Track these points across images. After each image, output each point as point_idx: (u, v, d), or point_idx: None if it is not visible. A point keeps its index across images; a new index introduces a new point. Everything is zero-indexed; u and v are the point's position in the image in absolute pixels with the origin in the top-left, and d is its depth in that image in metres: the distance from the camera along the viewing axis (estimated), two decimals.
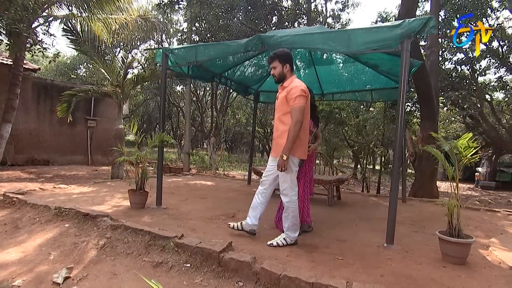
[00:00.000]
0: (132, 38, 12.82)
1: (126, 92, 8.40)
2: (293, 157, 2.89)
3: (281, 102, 2.94)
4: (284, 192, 2.95)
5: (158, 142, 4.19)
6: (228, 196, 5.42)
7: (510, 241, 3.50)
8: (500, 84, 12.08)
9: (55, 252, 2.92)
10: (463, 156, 2.72)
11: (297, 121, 2.78)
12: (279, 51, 3.04)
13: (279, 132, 2.94)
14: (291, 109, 2.82)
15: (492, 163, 13.20)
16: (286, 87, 2.93)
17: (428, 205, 5.49)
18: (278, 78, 3.02)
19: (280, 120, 2.95)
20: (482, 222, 4.45)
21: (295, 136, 2.78)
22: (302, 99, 2.81)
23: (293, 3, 11.71)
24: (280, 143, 2.88)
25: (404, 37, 2.99)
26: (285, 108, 2.89)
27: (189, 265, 2.59)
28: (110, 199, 4.66)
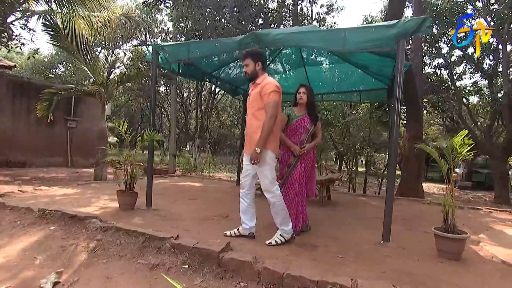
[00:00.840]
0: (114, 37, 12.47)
1: (110, 91, 8.14)
2: (268, 151, 2.87)
3: (254, 98, 2.94)
4: (266, 188, 2.91)
5: (148, 141, 4.05)
6: (218, 197, 5.32)
7: (498, 236, 3.62)
8: (475, 88, 12.60)
9: (41, 256, 2.74)
10: (458, 153, 2.77)
11: (272, 115, 2.79)
12: (251, 49, 3.03)
13: (253, 127, 2.92)
14: (265, 104, 2.83)
15: (468, 164, 13.72)
16: (259, 83, 2.93)
17: (416, 204, 5.61)
18: (250, 76, 3.00)
19: (254, 115, 2.94)
20: (468, 219, 4.58)
21: (269, 130, 2.80)
22: (276, 94, 2.84)
23: (279, 5, 11.77)
24: (255, 138, 2.86)
25: (400, 36, 3.02)
26: (258, 104, 2.89)
27: (187, 266, 2.50)
28: (97, 200, 4.46)
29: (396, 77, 3.14)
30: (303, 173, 3.39)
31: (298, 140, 3.42)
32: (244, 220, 3.12)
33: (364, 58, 4.80)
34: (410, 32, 2.99)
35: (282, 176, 3.44)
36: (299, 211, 3.33)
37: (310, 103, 3.47)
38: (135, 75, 7.71)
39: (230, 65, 5.59)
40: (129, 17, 9.51)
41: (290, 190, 3.38)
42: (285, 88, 6.56)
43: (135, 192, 4.02)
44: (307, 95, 3.46)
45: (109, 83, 7.88)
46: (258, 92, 2.89)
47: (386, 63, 4.64)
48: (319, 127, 3.60)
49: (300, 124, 3.45)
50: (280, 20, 11.60)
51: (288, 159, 3.43)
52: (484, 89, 13.07)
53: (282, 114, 3.63)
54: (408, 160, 6.78)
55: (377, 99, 6.22)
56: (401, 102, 7.82)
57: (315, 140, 3.53)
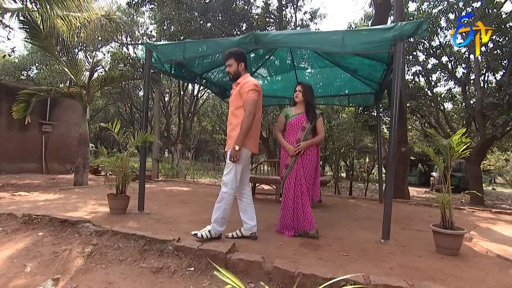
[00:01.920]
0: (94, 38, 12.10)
1: (92, 93, 7.87)
2: (244, 149, 2.89)
3: (234, 97, 2.98)
4: (226, 181, 2.89)
5: (141, 142, 3.93)
6: (210, 201, 5.21)
7: (486, 233, 3.78)
8: (449, 95, 13.26)
9: (32, 263, 2.56)
10: (455, 151, 2.88)
11: (250, 112, 2.82)
12: (235, 50, 3.05)
13: (232, 125, 2.95)
14: (244, 102, 2.86)
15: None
16: (239, 83, 2.96)
17: (403, 205, 5.76)
18: (233, 76, 3.02)
19: (233, 114, 2.96)
20: (454, 218, 4.74)
21: (248, 127, 2.81)
22: (255, 93, 2.86)
23: (263, 10, 11.88)
24: (234, 135, 2.88)
25: (397, 39, 3.12)
26: (238, 103, 2.92)
27: (193, 269, 2.42)
28: (84, 205, 4.26)
29: (394, 78, 3.24)
30: (301, 175, 3.30)
31: (294, 139, 3.39)
32: (245, 220, 3.08)
33: (355, 62, 4.93)
34: (407, 35, 3.10)
35: (282, 177, 3.43)
36: (298, 214, 3.27)
37: (307, 101, 3.43)
38: (118, 77, 7.49)
39: (222, 68, 5.55)
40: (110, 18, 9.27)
41: (286, 191, 3.35)
42: (275, 92, 6.71)
43: (127, 196, 3.87)
44: (302, 92, 3.44)
45: (91, 85, 7.62)
46: (238, 91, 2.93)
47: (376, 67, 4.80)
48: (320, 124, 3.45)
49: (295, 122, 3.43)
50: (264, 25, 11.71)
51: (285, 160, 3.42)
52: (457, 96, 13.79)
53: (280, 116, 3.64)
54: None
55: (365, 103, 6.40)
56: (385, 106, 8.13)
57: (316, 138, 3.39)
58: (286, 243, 3.02)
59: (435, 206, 5.91)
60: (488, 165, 17.40)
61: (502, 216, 5.28)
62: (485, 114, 9.60)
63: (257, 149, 3.07)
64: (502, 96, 9.19)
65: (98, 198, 4.83)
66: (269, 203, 5.33)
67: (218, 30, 9.00)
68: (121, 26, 10.32)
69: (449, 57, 12.29)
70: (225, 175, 2.94)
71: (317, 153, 3.43)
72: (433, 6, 11.92)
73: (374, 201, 6.25)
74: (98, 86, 7.54)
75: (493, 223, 4.50)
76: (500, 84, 10.22)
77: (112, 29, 10.06)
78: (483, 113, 9.71)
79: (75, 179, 7.32)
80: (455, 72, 12.62)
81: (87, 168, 7.69)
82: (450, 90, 13.26)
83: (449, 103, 13.74)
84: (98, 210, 3.95)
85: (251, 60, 5.57)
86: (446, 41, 12.77)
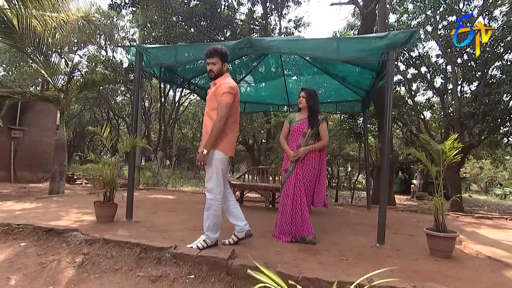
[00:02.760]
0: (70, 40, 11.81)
1: (70, 97, 7.65)
2: (218, 152, 2.85)
3: (210, 97, 2.94)
4: (210, 189, 2.87)
5: (130, 147, 3.86)
6: (198, 208, 5.14)
7: (473, 236, 3.98)
8: (428, 104, 13.90)
9: (16, 276, 2.44)
10: (447, 156, 3.04)
11: (222, 116, 2.77)
12: (221, 48, 2.94)
13: (206, 127, 2.91)
14: (217, 104, 2.81)
15: (424, 175, 14.91)
16: (216, 83, 2.92)
17: (391, 212, 5.92)
18: (216, 75, 2.92)
19: (208, 115, 2.94)
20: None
21: (218, 131, 2.77)
22: (229, 96, 2.80)
23: (248, 17, 12.04)
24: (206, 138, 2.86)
25: (390, 47, 3.29)
26: (213, 104, 2.88)
27: (193, 277, 2.39)
28: (66, 214, 4.10)
29: (386, 84, 3.39)
30: (300, 180, 3.34)
31: (295, 145, 3.46)
32: (235, 222, 3.05)
33: (344, 69, 5.11)
34: (400, 44, 3.26)
35: (281, 182, 3.47)
36: (296, 220, 3.31)
37: (310, 107, 3.49)
38: (100, 80, 7.33)
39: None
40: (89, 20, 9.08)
41: (284, 196, 3.40)
42: (262, 98, 6.80)
43: (115, 203, 3.77)
44: (306, 98, 3.51)
45: (69, 88, 7.40)
46: (213, 92, 2.90)
47: (365, 75, 4.98)
48: (324, 129, 3.46)
49: (297, 128, 3.49)
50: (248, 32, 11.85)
51: (286, 165, 3.47)
52: (435, 105, 14.47)
53: (285, 122, 3.71)
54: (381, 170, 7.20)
55: (352, 110, 6.60)
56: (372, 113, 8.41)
57: (318, 144, 3.42)
58: (285, 249, 3.05)
59: (421, 212, 6.16)
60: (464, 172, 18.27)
61: (484, 220, 5.57)
62: (463, 123, 10.13)
63: (233, 152, 3.04)
64: (478, 106, 9.76)
65: (81, 207, 4.67)
66: (259, 210, 5.35)
67: (203, 36, 9.03)
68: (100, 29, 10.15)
69: (428, 68, 12.91)
70: (208, 181, 2.90)
71: (320, 159, 3.43)
72: (412, 18, 12.53)
73: (362, 207, 6.41)
74: (77, 89, 7.34)
75: (477, 227, 4.74)
76: (476, 95, 10.85)
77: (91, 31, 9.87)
78: (461, 122, 10.24)
79: (51, 188, 7.03)
80: (433, 82, 13.28)
81: (64, 176, 7.41)
82: (429, 100, 13.90)
83: (428, 112, 14.39)
84: (83, 219, 3.82)
85: (236, 67, 5.63)
86: (425, 52, 13.46)
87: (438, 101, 13.67)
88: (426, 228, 3.15)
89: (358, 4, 7.68)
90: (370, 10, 6.46)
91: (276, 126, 8.33)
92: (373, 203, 7.05)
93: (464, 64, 11.27)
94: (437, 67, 12.80)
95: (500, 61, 10.83)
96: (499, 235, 4.22)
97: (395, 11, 12.52)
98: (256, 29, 12.02)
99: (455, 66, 10.92)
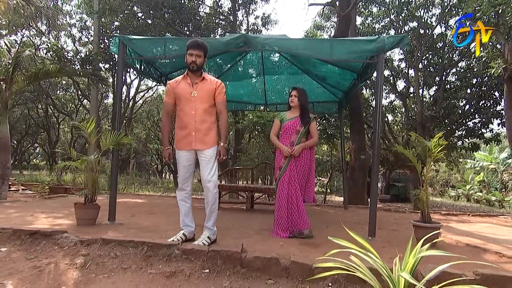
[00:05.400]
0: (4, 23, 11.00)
1: (15, 89, 7.19)
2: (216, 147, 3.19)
3: (208, 93, 3.14)
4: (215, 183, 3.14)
5: (113, 144, 3.87)
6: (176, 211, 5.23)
7: (448, 229, 4.62)
8: (390, 107, 15.18)
9: (10, 281, 2.41)
10: (433, 153, 3.56)
11: (226, 113, 3.27)
12: (204, 44, 3.17)
13: (207, 124, 3.13)
14: (220, 103, 3.17)
15: (386, 178, 16.19)
16: (207, 80, 3.17)
17: (364, 211, 6.49)
18: (198, 67, 3.11)
19: (207, 111, 3.14)
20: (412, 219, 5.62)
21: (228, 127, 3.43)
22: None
23: (212, 10, 12.19)
24: (211, 134, 3.14)
25: (380, 50, 3.75)
26: (211, 100, 3.16)
27: (208, 271, 2.57)
28: (35, 219, 3.97)
29: (376, 85, 3.86)
30: (294, 176, 3.68)
31: (288, 142, 3.77)
32: (188, 223, 3.23)
33: (325, 70, 5.55)
34: (389, 48, 3.73)
35: (276, 179, 3.76)
36: (293, 215, 3.62)
37: (302, 106, 3.84)
38: (55, 72, 6.98)
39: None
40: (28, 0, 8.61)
41: (280, 192, 3.69)
42: (240, 97, 7.05)
43: (97, 205, 3.76)
44: (298, 97, 3.85)
45: (15, 79, 6.96)
46: (213, 89, 3.15)
47: (346, 76, 5.48)
48: (314, 128, 3.85)
49: (290, 126, 3.82)
50: (213, 27, 12.00)
51: (279, 162, 3.76)
52: (397, 108, 15.83)
53: (275, 120, 3.99)
54: (354, 170, 7.86)
55: (327, 110, 7.12)
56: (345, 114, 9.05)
57: (309, 141, 3.78)
58: (286, 243, 3.33)
59: (394, 211, 6.84)
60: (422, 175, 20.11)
61: (451, 217, 6.38)
62: (425, 126, 11.30)
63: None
64: (438, 110, 10.99)
65: (46, 211, 4.51)
66: (239, 211, 5.58)
67: (171, 28, 9.02)
68: (41, 11, 9.65)
69: (391, 71, 14.14)
70: (213, 174, 3.12)
71: (310, 156, 3.82)
72: (376, 21, 13.65)
73: (338, 207, 6.92)
74: (25, 81, 6.93)
75: (448, 222, 5.44)
76: (435, 99, 12.17)
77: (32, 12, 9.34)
78: (423, 125, 11.41)
79: None
80: (396, 86, 14.56)
81: (7, 180, 6.91)
82: (391, 103, 15.18)
83: (390, 114, 15.70)
84: (59, 223, 3.74)
85: (217, 63, 5.83)
86: (388, 56, 14.72)
87: (400, 104, 15.00)
88: (414, 220, 3.65)
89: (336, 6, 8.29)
90: (347, 13, 7.07)
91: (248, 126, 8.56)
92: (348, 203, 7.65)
93: (424, 69, 12.56)
94: (399, 71, 14.08)
95: (455, 68, 12.31)
96: (469, 228, 4.93)
97: (360, 13, 13.53)
98: (222, 24, 12.23)
99: (418, 71, 12.13)
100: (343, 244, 2.00)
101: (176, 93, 3.16)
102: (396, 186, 16.49)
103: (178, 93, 3.14)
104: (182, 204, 3.22)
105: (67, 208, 4.95)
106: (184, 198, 3.22)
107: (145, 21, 8.78)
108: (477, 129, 11.34)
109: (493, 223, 5.86)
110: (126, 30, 8.42)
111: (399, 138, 15.35)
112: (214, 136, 3.15)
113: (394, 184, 16.52)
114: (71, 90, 15.65)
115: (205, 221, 3.18)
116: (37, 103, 15.35)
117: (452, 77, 12.54)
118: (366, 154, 7.75)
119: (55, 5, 12.42)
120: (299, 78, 6.37)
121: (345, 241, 2.00)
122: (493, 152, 20.21)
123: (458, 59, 12.02)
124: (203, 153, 3.13)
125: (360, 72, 4.95)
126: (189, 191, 3.25)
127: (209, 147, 3.13)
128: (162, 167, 24.56)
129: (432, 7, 12.19)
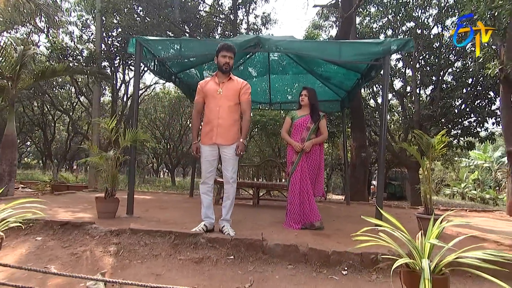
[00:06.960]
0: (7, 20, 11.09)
1: (21, 87, 7.35)
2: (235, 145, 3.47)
3: (233, 92, 3.40)
4: (234, 177, 3.44)
5: (131, 141, 4.10)
6: (187, 207, 5.48)
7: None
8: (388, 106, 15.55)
9: (53, 265, 2.64)
10: (436, 149, 3.85)
11: (250, 113, 3.56)
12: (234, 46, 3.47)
13: (230, 120, 3.39)
14: (245, 102, 3.43)
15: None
16: (233, 80, 3.45)
17: (367, 207, 6.82)
18: (230, 68, 3.41)
19: (231, 109, 3.40)
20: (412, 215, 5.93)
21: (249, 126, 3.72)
22: None
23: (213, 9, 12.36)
24: (233, 130, 3.39)
25: (386, 53, 4.02)
26: (236, 99, 3.42)
27: (232, 257, 2.82)
28: (55, 213, 4.16)
29: (383, 86, 4.14)
30: (306, 171, 3.96)
31: (299, 138, 4.05)
32: (209, 214, 3.44)
33: (330, 70, 5.82)
34: (395, 50, 4.02)
35: (288, 174, 4.02)
36: (305, 207, 3.90)
37: (312, 104, 4.12)
38: (62, 70, 7.15)
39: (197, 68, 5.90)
40: None
41: (292, 186, 3.96)
42: None
43: (117, 198, 3.98)
44: (308, 96, 4.12)
45: (21, 77, 7.12)
46: (239, 89, 3.43)
47: (350, 76, 5.75)
48: (324, 125, 4.14)
49: (301, 123, 4.09)
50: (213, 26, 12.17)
51: (292, 157, 4.03)
52: (394, 107, 16.21)
53: (286, 118, 4.26)
54: (355, 167, 8.16)
55: (331, 109, 7.40)
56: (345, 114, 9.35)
57: (318, 138, 4.08)
58: (300, 234, 3.59)
59: (395, 207, 7.15)
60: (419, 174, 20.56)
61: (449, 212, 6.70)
62: (422, 125, 11.66)
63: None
64: (435, 109, 11.36)
65: (62, 206, 4.71)
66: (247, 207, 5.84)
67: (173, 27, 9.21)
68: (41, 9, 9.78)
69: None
70: (234, 172, 3.42)
71: (320, 152, 4.12)
72: (374, 21, 13.97)
73: (341, 203, 7.22)
74: (32, 78, 7.09)
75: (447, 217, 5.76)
76: (432, 98, 12.54)
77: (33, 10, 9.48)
78: (421, 124, 11.77)
79: None
80: (393, 85, 14.93)
81: (13, 177, 7.09)
82: (388, 102, 15.55)
83: (388, 113, 16.08)
84: (80, 216, 3.95)
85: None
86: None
87: (397, 103, 15.38)
88: (418, 212, 3.94)
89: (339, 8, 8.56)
90: (349, 14, 7.36)
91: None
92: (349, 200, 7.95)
93: (421, 68, 12.92)
94: (396, 71, 14.44)
95: (452, 68, 12.69)
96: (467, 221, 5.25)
97: (358, 13, 13.85)
98: (222, 23, 12.42)
99: (415, 71, 12.48)
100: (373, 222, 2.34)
101: (204, 92, 3.44)
102: (393, 184, 16.90)
103: (206, 91, 3.43)
104: (205, 197, 3.44)
105: (81, 203, 5.16)
106: (206, 191, 3.46)
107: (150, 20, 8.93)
108: (472, 128, 11.72)
109: (490, 217, 6.21)
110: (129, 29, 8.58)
111: (396, 137, 15.73)
112: (236, 133, 3.39)
113: (391, 182, 16.92)
114: (66, 88, 15.72)
115: (223, 214, 3.41)
116: (33, 101, 15.38)
117: (448, 77, 12.93)
118: (367, 152, 8.05)
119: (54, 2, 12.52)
120: (303, 77, 6.63)
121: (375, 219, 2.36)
122: (487, 151, 20.76)
123: (455, 59, 12.40)
124: (225, 151, 3.37)
125: (364, 73, 5.23)
126: (211, 185, 3.49)
127: (230, 143, 3.37)
128: (158, 166, 24.68)
129: (429, 8, 12.55)
